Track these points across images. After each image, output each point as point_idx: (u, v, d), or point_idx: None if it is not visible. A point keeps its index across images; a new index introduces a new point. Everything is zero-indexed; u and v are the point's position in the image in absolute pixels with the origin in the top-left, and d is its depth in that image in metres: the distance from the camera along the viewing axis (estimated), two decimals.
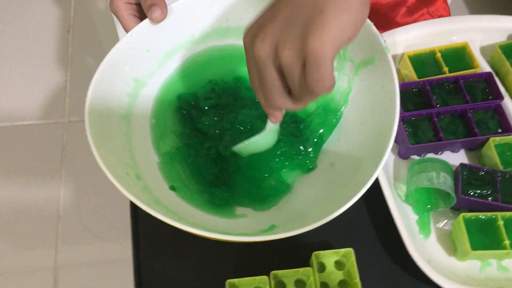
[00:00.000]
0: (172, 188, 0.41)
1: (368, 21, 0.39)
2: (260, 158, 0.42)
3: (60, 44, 1.15)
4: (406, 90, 0.47)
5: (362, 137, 0.40)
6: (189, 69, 0.46)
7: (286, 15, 0.30)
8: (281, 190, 0.41)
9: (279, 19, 0.30)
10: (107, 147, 0.37)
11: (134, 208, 0.44)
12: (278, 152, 0.42)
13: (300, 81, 0.30)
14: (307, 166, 0.42)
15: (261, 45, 0.30)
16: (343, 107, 0.43)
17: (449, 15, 0.63)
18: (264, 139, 0.39)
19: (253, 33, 0.31)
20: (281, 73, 0.31)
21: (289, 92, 0.32)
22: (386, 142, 0.36)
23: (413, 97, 0.47)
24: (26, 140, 1.03)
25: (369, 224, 0.43)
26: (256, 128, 0.42)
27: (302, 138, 0.42)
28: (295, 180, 0.42)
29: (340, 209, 0.34)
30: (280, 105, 0.32)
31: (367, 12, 0.30)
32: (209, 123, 0.44)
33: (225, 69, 0.47)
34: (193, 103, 0.45)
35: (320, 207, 0.37)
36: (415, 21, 0.60)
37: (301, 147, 0.42)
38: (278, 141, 0.41)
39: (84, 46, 1.15)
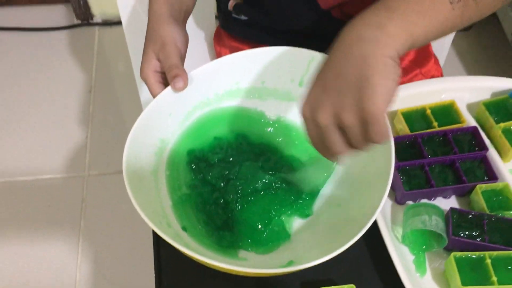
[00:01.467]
0: (184, 228, 0.46)
1: None
2: (261, 206, 0.47)
3: (82, 103, 1.24)
4: (400, 143, 0.52)
5: (363, 182, 0.45)
6: (196, 127, 0.52)
7: (337, 86, 0.37)
8: (282, 237, 0.47)
9: (332, 90, 0.37)
10: (143, 200, 0.42)
11: (157, 257, 0.49)
12: (276, 201, 0.47)
13: (361, 135, 0.37)
14: (305, 212, 0.48)
15: (323, 115, 0.37)
16: (335, 163, 0.49)
17: (441, 75, 0.70)
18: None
19: (311, 106, 0.38)
20: (342, 131, 0.37)
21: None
22: (384, 184, 0.41)
23: (407, 149, 0.52)
24: (48, 192, 1.09)
25: (370, 263, 0.48)
26: (258, 177, 0.48)
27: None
28: (294, 225, 0.48)
29: (349, 242, 0.38)
30: (344, 154, 0.39)
31: (399, 71, 0.37)
32: (217, 175, 0.49)
33: (227, 128, 0.53)
34: (201, 157, 0.51)
35: (330, 242, 0.42)
36: (409, 80, 0.66)
37: (298, 195, 0.48)
38: (276, 189, 0.47)
39: (104, 105, 1.24)
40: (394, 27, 0.37)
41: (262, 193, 0.48)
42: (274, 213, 0.47)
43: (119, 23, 1.36)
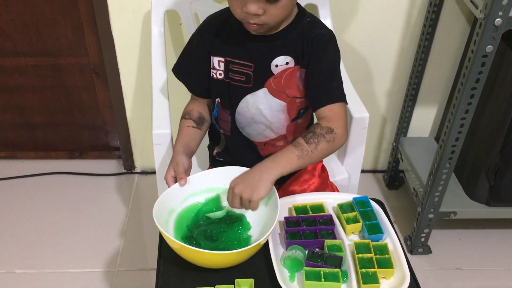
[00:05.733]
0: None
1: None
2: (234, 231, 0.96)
3: (120, 223, 1.75)
4: (290, 220, 1.00)
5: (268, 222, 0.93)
6: (190, 206, 1.01)
7: (247, 182, 0.90)
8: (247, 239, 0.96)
9: (244, 183, 0.90)
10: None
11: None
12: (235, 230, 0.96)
13: (247, 205, 0.89)
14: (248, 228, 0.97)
15: (236, 190, 0.90)
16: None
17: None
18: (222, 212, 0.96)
19: (234, 183, 0.91)
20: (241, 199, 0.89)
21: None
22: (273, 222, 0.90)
23: (293, 222, 1.00)
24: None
25: (264, 274, 0.92)
26: (219, 233, 0.96)
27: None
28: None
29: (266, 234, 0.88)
30: (238, 208, 0.91)
31: (271, 186, 0.91)
32: (199, 234, 0.98)
33: (200, 212, 1.01)
34: (192, 228, 0.99)
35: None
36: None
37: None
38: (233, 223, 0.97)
39: (138, 223, 1.74)
40: (275, 169, 0.92)
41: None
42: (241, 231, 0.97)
43: (152, 172, 1.95)
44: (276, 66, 1.04)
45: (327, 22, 1.49)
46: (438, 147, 1.45)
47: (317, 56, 1.02)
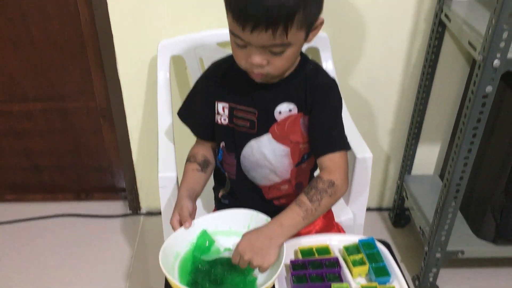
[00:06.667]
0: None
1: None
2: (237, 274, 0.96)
3: (124, 267, 1.74)
4: (296, 263, 1.00)
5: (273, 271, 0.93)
6: (192, 249, 1.01)
7: (256, 248, 0.91)
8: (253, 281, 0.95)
9: (254, 248, 0.91)
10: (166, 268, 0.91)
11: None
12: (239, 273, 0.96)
13: (256, 268, 0.90)
14: (250, 273, 0.96)
15: (246, 258, 0.91)
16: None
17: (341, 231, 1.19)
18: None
19: (243, 250, 0.92)
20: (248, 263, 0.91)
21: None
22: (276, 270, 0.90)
23: (300, 266, 0.99)
24: None
25: None
26: (223, 277, 0.96)
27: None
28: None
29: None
30: (245, 267, 0.91)
31: (278, 250, 0.93)
32: (204, 279, 0.98)
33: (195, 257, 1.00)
34: (194, 274, 0.98)
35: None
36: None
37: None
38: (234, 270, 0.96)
39: (144, 266, 1.73)
40: (282, 234, 0.93)
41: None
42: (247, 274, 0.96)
43: (158, 213, 1.95)
44: (280, 113, 1.06)
45: (329, 64, 1.53)
46: (443, 185, 1.45)
47: (319, 105, 1.04)
